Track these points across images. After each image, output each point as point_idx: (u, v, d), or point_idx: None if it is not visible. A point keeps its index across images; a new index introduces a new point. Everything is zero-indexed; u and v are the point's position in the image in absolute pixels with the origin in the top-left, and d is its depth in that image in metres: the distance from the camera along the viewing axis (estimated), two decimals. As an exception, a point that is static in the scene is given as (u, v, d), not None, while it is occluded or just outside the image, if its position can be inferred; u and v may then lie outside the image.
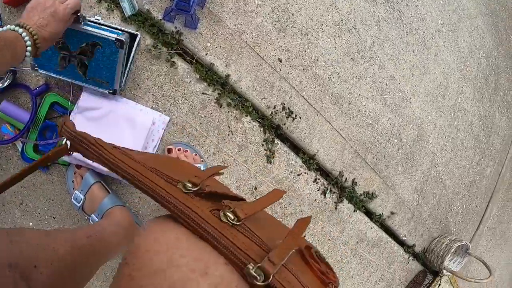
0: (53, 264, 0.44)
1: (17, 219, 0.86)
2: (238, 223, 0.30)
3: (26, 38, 0.53)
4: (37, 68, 0.72)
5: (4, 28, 0.53)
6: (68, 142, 0.39)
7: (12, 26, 0.53)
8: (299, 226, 0.35)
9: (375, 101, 1.00)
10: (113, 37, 0.67)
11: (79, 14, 0.64)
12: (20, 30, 0.53)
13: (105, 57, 0.70)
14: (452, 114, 1.28)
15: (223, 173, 0.78)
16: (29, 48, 0.53)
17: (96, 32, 0.67)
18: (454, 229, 1.50)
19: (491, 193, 1.73)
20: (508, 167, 1.79)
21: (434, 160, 1.23)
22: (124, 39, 0.68)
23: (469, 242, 1.45)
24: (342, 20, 0.94)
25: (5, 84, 0.76)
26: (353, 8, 0.96)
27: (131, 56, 0.76)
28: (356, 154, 0.99)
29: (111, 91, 0.75)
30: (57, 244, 0.46)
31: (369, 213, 1.10)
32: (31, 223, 0.87)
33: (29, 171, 0.42)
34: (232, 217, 0.31)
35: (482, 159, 1.53)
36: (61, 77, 0.74)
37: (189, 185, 0.34)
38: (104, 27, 0.69)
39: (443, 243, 1.30)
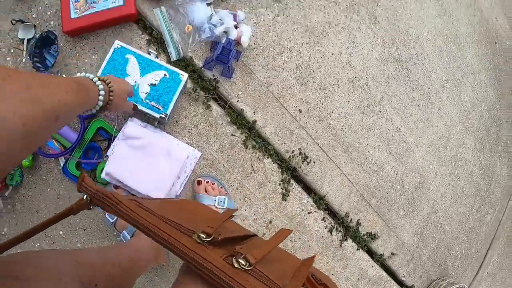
0: (107, 283, 0.55)
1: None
2: (249, 268, 0.35)
3: (99, 85, 0.56)
4: None
5: (80, 74, 0.58)
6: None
7: (88, 74, 0.57)
8: (305, 265, 0.41)
9: (381, 151, 1.20)
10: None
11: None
12: (95, 78, 0.56)
13: (167, 85, 0.90)
14: (453, 164, 1.48)
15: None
16: (102, 92, 0.56)
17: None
18: (453, 273, 1.67)
19: (491, 240, 1.91)
20: (509, 215, 1.97)
21: (434, 206, 1.42)
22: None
23: (468, 287, 1.61)
24: (355, 77, 1.15)
25: None
26: (366, 67, 1.18)
27: (176, 95, 0.94)
28: (362, 198, 1.18)
29: (163, 116, 0.90)
30: (109, 265, 0.60)
31: (371, 252, 1.27)
32: (61, 232, 1.02)
33: (52, 222, 0.47)
34: (243, 263, 0.35)
35: (482, 207, 1.72)
36: None
37: (203, 235, 0.38)
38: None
39: (441, 285, 1.46)
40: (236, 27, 1.02)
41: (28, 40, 0.98)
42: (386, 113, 1.22)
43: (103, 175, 0.93)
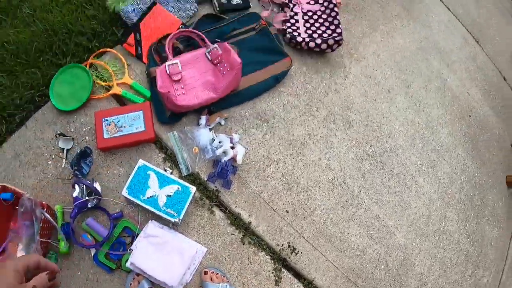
0: None
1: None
2: None
3: None
4: (127, 193, 1.15)
5: None
6: None
7: None
8: None
9: (362, 237, 1.41)
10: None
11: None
12: None
13: (180, 196, 1.17)
14: (437, 238, 1.65)
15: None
16: None
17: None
18: None
19: (493, 302, 1.97)
20: (508, 273, 2.05)
21: (422, 279, 1.57)
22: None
23: None
24: (334, 177, 1.41)
25: (93, 205, 1.17)
26: (343, 167, 1.43)
27: (186, 204, 1.19)
28: (347, 279, 1.37)
29: (177, 220, 1.16)
30: None
31: (362, 327, 1.43)
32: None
33: None
34: None
35: (476, 271, 1.83)
36: (143, 204, 1.15)
37: None
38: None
39: None
40: (232, 147, 1.32)
41: (67, 150, 1.28)
42: (365, 204, 1.44)
43: (127, 264, 1.16)
